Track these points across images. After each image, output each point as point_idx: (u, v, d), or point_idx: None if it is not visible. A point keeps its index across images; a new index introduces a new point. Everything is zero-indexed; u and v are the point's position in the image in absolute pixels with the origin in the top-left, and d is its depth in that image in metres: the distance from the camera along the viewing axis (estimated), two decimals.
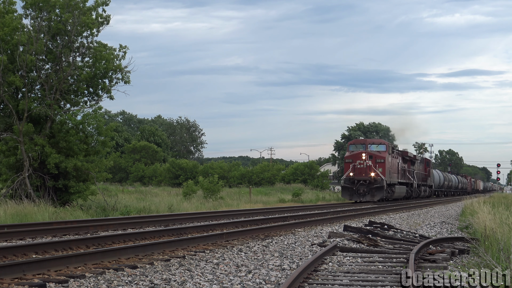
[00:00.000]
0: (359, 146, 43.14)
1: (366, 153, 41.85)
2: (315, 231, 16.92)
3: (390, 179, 43.04)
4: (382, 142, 43.88)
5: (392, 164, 44.07)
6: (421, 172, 59.54)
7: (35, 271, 8.53)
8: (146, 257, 10.65)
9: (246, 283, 8.46)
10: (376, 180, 41.06)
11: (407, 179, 50.76)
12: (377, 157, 41.79)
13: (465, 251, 12.88)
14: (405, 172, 50.00)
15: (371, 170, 41.28)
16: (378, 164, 41.62)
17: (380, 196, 41.05)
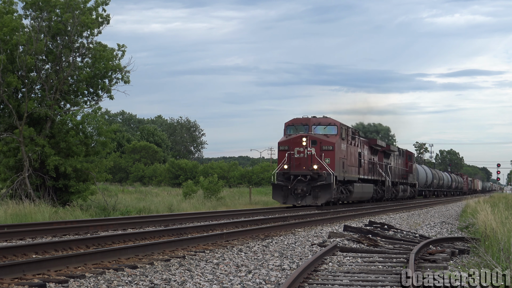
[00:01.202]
0: (300, 127, 31.15)
1: (308, 138, 30.05)
2: (315, 231, 16.92)
3: (345, 174, 31.76)
4: (332, 122, 31.43)
5: (349, 154, 32.95)
6: (399, 167, 48.90)
7: (35, 271, 8.53)
8: (146, 257, 10.65)
9: (246, 283, 8.46)
10: (321, 176, 29.56)
11: (376, 175, 39.94)
12: (324, 143, 30.19)
13: (465, 251, 12.88)
14: (374, 166, 39.55)
15: (314, 161, 29.59)
16: (325, 153, 29.91)
17: (326, 198, 29.59)
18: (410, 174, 52.71)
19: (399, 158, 49.24)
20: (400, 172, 49.18)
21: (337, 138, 30.89)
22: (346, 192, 32.56)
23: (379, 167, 41.15)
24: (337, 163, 30.41)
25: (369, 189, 37.16)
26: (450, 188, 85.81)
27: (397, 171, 47.96)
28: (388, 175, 43.17)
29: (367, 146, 38.31)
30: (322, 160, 29.82)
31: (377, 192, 40.33)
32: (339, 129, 31.28)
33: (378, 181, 40.74)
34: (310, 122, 31.21)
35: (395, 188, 46.44)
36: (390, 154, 45.16)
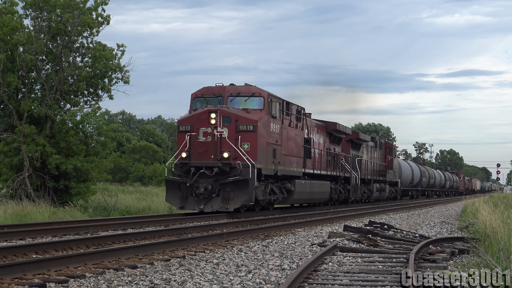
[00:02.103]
0: (212, 100, 22.27)
1: (219, 113, 21.05)
2: (315, 231, 16.92)
3: (278, 167, 22.85)
4: (257, 92, 22.22)
5: (287, 139, 23.91)
6: (375, 161, 40.82)
7: (35, 271, 8.54)
8: (146, 257, 10.65)
9: (246, 283, 8.46)
10: (234, 168, 20.70)
11: (338, 170, 31.77)
12: (242, 121, 21.15)
13: (465, 251, 12.89)
14: (334, 158, 31.30)
15: (225, 147, 20.84)
16: (244, 135, 21.04)
17: (242, 200, 20.51)
18: (390, 170, 44.29)
19: (374, 150, 41.12)
20: (375, 168, 40.83)
21: (263, 114, 21.68)
22: (282, 192, 23.91)
23: (344, 160, 33.00)
24: (261, 150, 21.39)
25: (323, 188, 28.54)
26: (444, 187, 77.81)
27: (372, 166, 39.78)
28: (357, 170, 34.78)
29: (323, 132, 30.06)
30: (238, 145, 20.76)
31: (337, 192, 31.74)
32: (266, 102, 21.96)
33: (340, 178, 32.11)
34: (225, 92, 22.09)
35: (368, 187, 38.39)
36: (360, 145, 37.00)
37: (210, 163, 20.88)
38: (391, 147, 45.72)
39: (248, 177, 20.38)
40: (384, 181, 42.83)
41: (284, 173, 23.79)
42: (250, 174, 20.48)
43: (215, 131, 21.03)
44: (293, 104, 25.30)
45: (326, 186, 29.09)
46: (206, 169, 20.85)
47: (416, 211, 31.92)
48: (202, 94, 22.66)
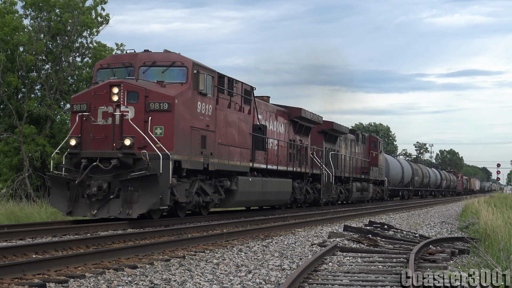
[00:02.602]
0: (120, 71, 17.50)
1: (123, 87, 16.33)
2: (315, 231, 16.93)
3: (211, 160, 18.16)
4: (178, 60, 17.36)
5: (222, 122, 18.94)
6: (356, 157, 36.79)
7: (35, 271, 8.53)
8: (146, 257, 10.65)
9: (246, 283, 8.46)
10: (139, 160, 15.99)
11: (305, 165, 27.11)
12: (154, 97, 16.44)
13: (465, 251, 12.89)
14: (300, 151, 26.80)
15: (128, 131, 16.19)
16: (156, 117, 16.34)
17: (149, 203, 15.79)
18: (374, 167, 39.74)
19: (355, 144, 37.01)
20: (356, 164, 36.51)
21: (185, 90, 16.84)
22: (219, 192, 19.19)
23: (316, 154, 28.54)
24: (181, 137, 16.61)
25: (283, 187, 23.88)
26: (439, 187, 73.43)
27: (352, 162, 35.44)
28: (331, 167, 30.27)
29: (284, 120, 25.46)
30: (148, 129, 16.01)
31: (303, 192, 26.93)
32: (191, 74, 17.06)
33: (307, 175, 27.35)
34: (136, 60, 17.28)
35: (346, 186, 33.95)
36: (337, 138, 32.56)
37: (107, 154, 15.95)
38: (376, 141, 40.96)
39: (157, 172, 15.53)
40: (367, 179, 38.17)
41: (220, 167, 18.73)
42: (162, 168, 15.59)
43: (118, 111, 16.18)
44: (238, 82, 20.38)
45: (286, 185, 24.16)
46: (102, 161, 15.96)
47: (416, 211, 31.94)
48: (108, 64, 17.85)
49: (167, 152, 15.92)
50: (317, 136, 30.14)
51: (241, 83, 20.74)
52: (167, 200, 16.08)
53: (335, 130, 31.52)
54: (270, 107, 24.57)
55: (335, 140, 32.34)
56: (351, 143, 36.28)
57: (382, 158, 43.01)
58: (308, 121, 27.54)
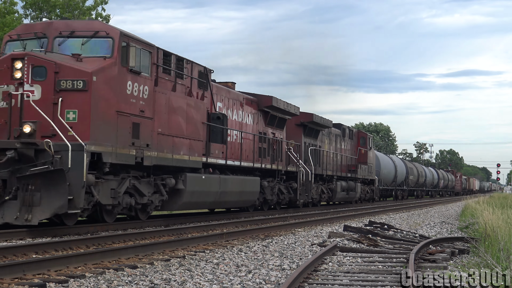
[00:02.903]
0: (31, 42, 14.55)
1: (27, 61, 13.18)
2: (315, 231, 16.93)
3: (141, 152, 14.95)
4: (102, 29, 14.41)
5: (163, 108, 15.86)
6: (342, 154, 33.79)
7: (35, 271, 8.53)
8: (146, 257, 10.66)
9: (246, 283, 8.46)
10: (43, 151, 12.81)
11: (280, 162, 24.35)
12: (66, 73, 13.32)
13: (465, 251, 12.89)
14: (273, 146, 23.92)
15: (30, 114, 13.03)
16: (68, 97, 13.23)
17: (54, 207, 12.59)
18: (363, 165, 36.86)
19: (341, 140, 34.09)
20: (342, 162, 33.50)
21: (109, 65, 14.03)
22: (160, 192, 16.23)
23: (293, 150, 25.45)
24: (103, 123, 13.74)
25: (247, 187, 20.79)
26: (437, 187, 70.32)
27: (336, 159, 32.42)
28: (310, 164, 26.99)
29: (252, 109, 22.38)
30: (57, 114, 13.19)
31: (274, 192, 23.57)
32: (117, 46, 14.20)
33: (279, 173, 24.12)
34: (51, 30, 14.54)
35: (329, 185, 30.80)
36: (319, 132, 29.53)
37: (1, 143, 13.06)
38: (365, 137, 38.22)
39: (65, 167, 12.55)
40: (354, 178, 34.95)
41: (160, 162, 15.68)
42: (71, 161, 12.61)
43: (20, 90, 13.20)
44: (189, 62, 17.47)
45: (252, 184, 20.99)
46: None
47: (416, 211, 31.96)
48: (18, 35, 14.86)
49: (80, 142, 12.83)
50: (295, 130, 27.10)
51: (193, 63, 17.68)
52: (80, 202, 12.96)
53: (316, 123, 28.51)
54: (234, 94, 21.21)
55: (316, 134, 29.34)
56: (336, 138, 33.29)
57: (372, 155, 39.83)
58: (281, 112, 24.39)
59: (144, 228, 15.87)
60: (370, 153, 38.49)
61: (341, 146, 34.28)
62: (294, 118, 26.63)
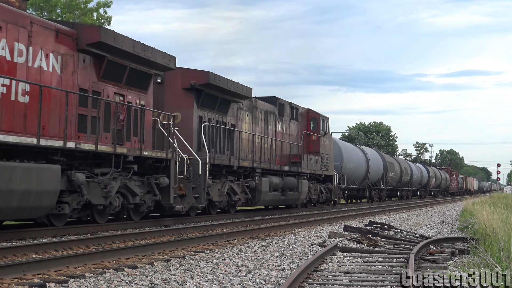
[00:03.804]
0: None
1: None
2: (315, 231, 16.93)
3: None
4: None
5: None
6: (278, 139, 25.43)
7: (35, 271, 8.54)
8: (146, 257, 10.66)
9: (246, 283, 8.46)
10: None
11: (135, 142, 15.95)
12: None
13: (465, 251, 12.89)
14: (117, 116, 15.29)
15: None
16: None
17: None
18: (314, 156, 28.01)
19: (277, 120, 25.55)
20: (278, 150, 25.14)
21: None
22: None
23: (173, 126, 17.28)
24: None
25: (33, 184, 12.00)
26: (426, 186, 62.31)
27: (266, 146, 24.10)
28: (204, 150, 18.74)
29: (60, 47, 13.73)
30: None
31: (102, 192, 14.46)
32: None
33: (124, 160, 15.11)
34: None
35: (247, 182, 21.92)
36: (228, 104, 21.18)
37: None
38: (317, 118, 28.59)
39: None
40: (298, 173, 26.17)
41: None
42: None
43: None
44: None
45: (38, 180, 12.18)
46: None
47: (416, 211, 31.98)
48: None
49: None
50: (181, 95, 18.97)
51: None
52: None
53: (221, 90, 19.86)
54: None
55: (224, 106, 20.76)
56: (268, 117, 24.75)
57: (329, 144, 30.48)
58: (137, 61, 15.74)
59: (144, 228, 15.88)
60: (324, 140, 29.55)
61: (277, 128, 25.57)
62: (181, 78, 18.86)
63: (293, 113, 27.60)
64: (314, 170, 28.37)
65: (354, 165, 37.90)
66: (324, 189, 30.29)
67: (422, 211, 32.70)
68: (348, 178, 36.51)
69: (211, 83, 19.35)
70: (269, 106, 25.21)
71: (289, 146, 26.72)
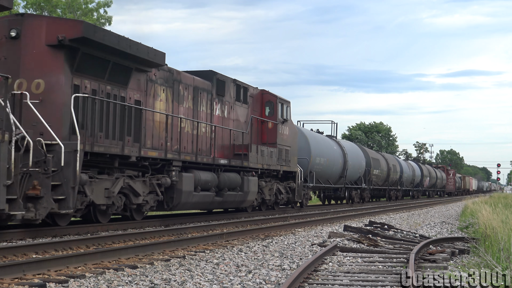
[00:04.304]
0: None
1: None
2: (315, 231, 16.93)
3: None
4: None
5: None
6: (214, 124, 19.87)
7: (35, 271, 8.54)
8: (146, 257, 10.66)
9: (246, 283, 8.46)
10: None
11: None
12: None
13: (465, 251, 12.89)
14: None
15: None
16: None
17: None
18: (268, 147, 22.72)
19: (214, 100, 20.08)
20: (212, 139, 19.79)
21: None
22: None
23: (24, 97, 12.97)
24: None
25: None
26: (419, 186, 57.77)
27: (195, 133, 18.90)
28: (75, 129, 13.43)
29: None
30: None
31: None
32: None
33: None
34: None
35: (161, 178, 16.89)
36: (130, 72, 15.67)
37: None
38: (273, 102, 23.36)
39: None
40: (243, 168, 20.96)
41: None
42: None
43: None
44: None
45: None
46: None
47: (416, 211, 31.99)
48: None
49: None
50: (44, 55, 13.73)
51: None
52: None
53: (111, 50, 14.45)
54: None
55: (120, 75, 15.34)
56: (200, 95, 19.09)
57: (291, 134, 25.14)
58: None
59: (144, 228, 15.88)
60: (284, 129, 24.31)
61: (214, 111, 19.96)
62: (46, 30, 13.65)
63: (239, 93, 21.74)
64: (268, 165, 22.77)
65: (327, 160, 31.40)
66: (284, 188, 24.90)
67: (422, 211, 32.71)
68: (319, 175, 30.34)
69: (89, 39, 13.68)
70: (201, 82, 19.23)
71: (232, 135, 20.95)
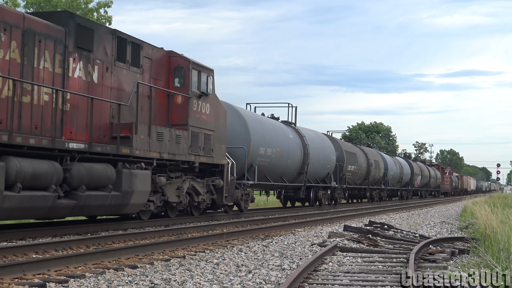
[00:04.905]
0: None
1: None
2: (315, 231, 16.93)
3: None
4: None
5: None
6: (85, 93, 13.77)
7: (35, 271, 8.54)
8: (146, 257, 10.66)
9: (246, 283, 8.46)
10: None
11: None
12: None
13: (465, 251, 12.89)
14: None
15: None
16: None
17: None
18: (178, 131, 16.87)
19: (79, 59, 13.78)
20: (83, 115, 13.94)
21: None
22: None
23: None
24: None
25: None
26: (409, 185, 52.16)
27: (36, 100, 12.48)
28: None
29: None
30: None
31: None
32: None
33: None
34: None
35: None
36: None
37: None
38: (184, 67, 17.26)
39: None
40: (123, 157, 14.91)
41: None
42: None
43: None
44: None
45: None
46: None
47: (416, 211, 31.99)
48: None
49: None
50: None
51: None
52: None
53: None
54: None
55: None
56: (38, 45, 12.78)
57: (214, 113, 18.94)
58: None
59: (144, 228, 15.88)
60: (202, 105, 18.20)
61: (72, 72, 13.77)
62: None
63: (123, 51, 15.52)
64: (173, 154, 16.78)
65: (277, 152, 24.33)
66: (206, 187, 19.02)
67: (422, 211, 32.72)
68: (267, 170, 23.84)
69: None
70: (43, 25, 13.07)
71: (111, 110, 15.08)
